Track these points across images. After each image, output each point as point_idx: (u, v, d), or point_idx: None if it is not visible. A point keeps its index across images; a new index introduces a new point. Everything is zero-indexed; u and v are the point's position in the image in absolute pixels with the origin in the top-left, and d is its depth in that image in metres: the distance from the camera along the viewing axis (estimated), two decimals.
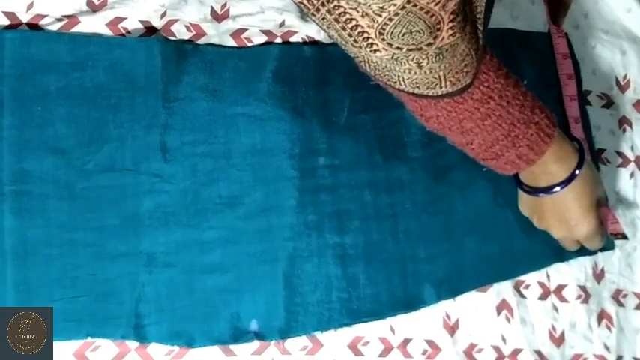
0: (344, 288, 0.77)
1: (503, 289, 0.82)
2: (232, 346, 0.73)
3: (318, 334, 0.75)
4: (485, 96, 0.62)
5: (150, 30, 0.79)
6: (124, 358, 0.70)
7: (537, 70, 0.91)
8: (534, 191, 0.73)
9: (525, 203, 0.75)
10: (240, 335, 0.73)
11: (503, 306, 0.82)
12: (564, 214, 0.71)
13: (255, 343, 0.74)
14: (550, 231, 0.74)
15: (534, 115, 0.65)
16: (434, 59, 0.54)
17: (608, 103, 0.93)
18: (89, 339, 0.70)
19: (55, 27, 0.76)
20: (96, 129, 0.73)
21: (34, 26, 0.75)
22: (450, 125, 0.65)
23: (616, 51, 0.94)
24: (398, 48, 0.52)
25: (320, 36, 0.84)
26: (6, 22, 0.74)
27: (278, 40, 0.83)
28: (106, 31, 0.77)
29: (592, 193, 0.73)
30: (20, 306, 0.68)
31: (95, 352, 0.70)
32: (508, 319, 0.81)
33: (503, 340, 0.81)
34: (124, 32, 0.77)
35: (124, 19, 0.78)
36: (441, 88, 0.58)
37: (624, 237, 0.82)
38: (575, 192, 0.69)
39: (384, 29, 0.50)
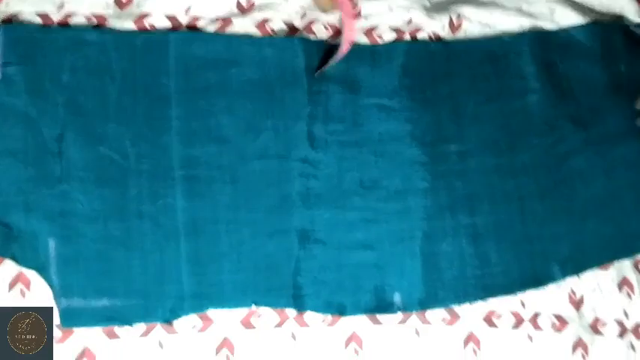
0: (477, 265, 0.82)
1: (623, 267, 0.87)
2: (379, 316, 0.79)
3: (455, 307, 0.81)
4: None
5: (292, 29, 0.86)
6: (284, 324, 0.77)
7: None
8: None
9: None
10: (385, 306, 0.79)
11: (624, 283, 0.86)
12: None
13: (399, 314, 0.79)
14: None
15: None
16: None
17: None
18: (253, 307, 0.76)
19: (211, 28, 0.83)
20: (252, 119, 0.81)
21: (192, 28, 0.83)
22: None
23: None
24: None
25: (444, 32, 0.90)
26: (168, 24, 0.82)
27: (406, 37, 0.89)
28: (255, 32, 0.84)
29: None
30: (194, 280, 0.76)
31: (259, 319, 0.77)
32: (629, 296, 0.86)
33: (626, 315, 0.85)
34: (270, 32, 0.85)
35: (269, 20, 0.85)
36: None
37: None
38: None
39: None
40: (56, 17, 0.79)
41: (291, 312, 0.77)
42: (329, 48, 0.83)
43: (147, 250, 0.74)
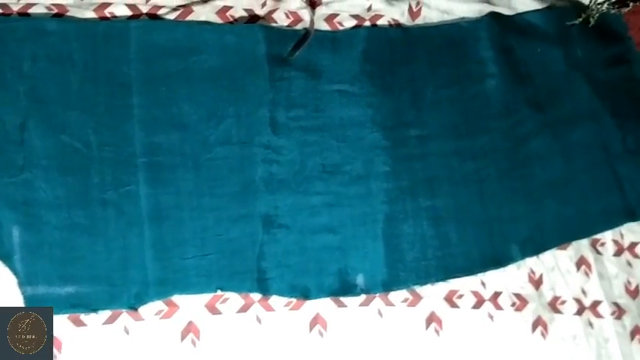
0: (438, 246, 0.84)
1: (581, 246, 0.89)
2: (342, 298, 0.80)
3: (417, 288, 0.83)
4: None
5: (253, 17, 0.87)
6: (250, 309, 0.78)
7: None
8: None
9: None
10: (349, 288, 0.80)
11: (582, 262, 0.89)
12: None
13: (362, 296, 0.81)
14: None
15: None
16: None
17: None
18: (218, 292, 0.77)
19: (171, 16, 0.84)
20: (214, 106, 0.81)
21: (153, 16, 0.84)
22: None
23: None
24: None
25: (404, 19, 0.92)
26: (128, 13, 0.83)
27: (367, 24, 0.91)
28: (216, 19, 0.85)
29: None
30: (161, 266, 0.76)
31: (224, 304, 0.78)
32: (587, 274, 0.88)
33: (584, 293, 0.88)
34: (231, 20, 0.86)
35: (230, 7, 0.86)
36: None
37: None
38: None
39: None
40: (16, 7, 0.79)
41: (256, 296, 0.78)
42: (294, 34, 0.84)
43: (111, 237, 0.75)
